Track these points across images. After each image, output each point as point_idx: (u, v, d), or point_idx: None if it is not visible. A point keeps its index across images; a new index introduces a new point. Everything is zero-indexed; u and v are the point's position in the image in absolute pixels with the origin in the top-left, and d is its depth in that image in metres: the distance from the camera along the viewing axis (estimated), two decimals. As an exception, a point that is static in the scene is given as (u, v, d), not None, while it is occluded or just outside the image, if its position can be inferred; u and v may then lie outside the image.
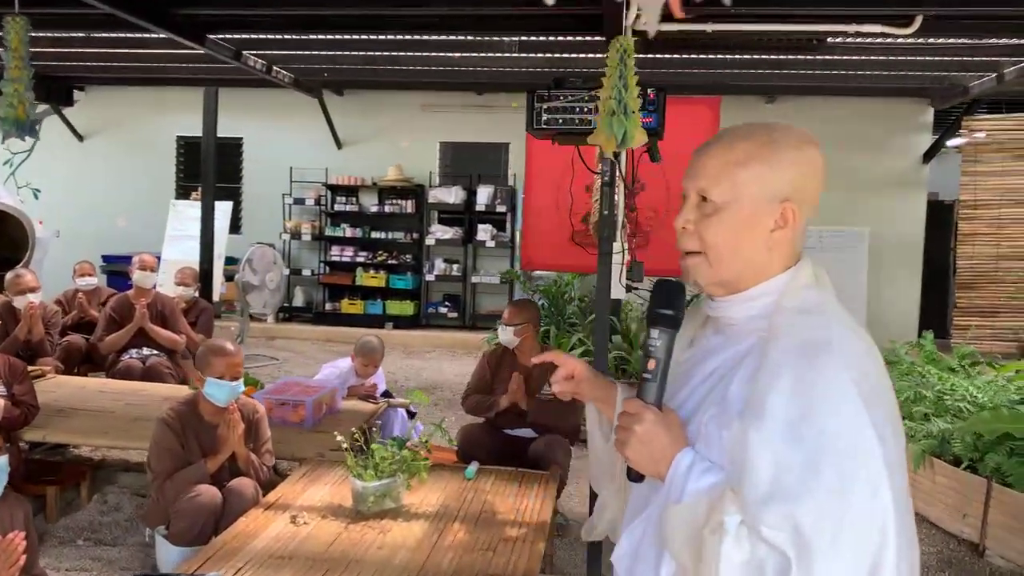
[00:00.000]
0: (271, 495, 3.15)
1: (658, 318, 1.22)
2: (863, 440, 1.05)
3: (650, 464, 1.19)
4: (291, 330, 9.98)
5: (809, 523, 1.01)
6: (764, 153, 1.18)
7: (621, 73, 2.08)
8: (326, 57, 4.65)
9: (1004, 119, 8.14)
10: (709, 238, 1.19)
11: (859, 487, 1.03)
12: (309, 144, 10.44)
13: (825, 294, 1.20)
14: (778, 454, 1.05)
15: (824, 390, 1.06)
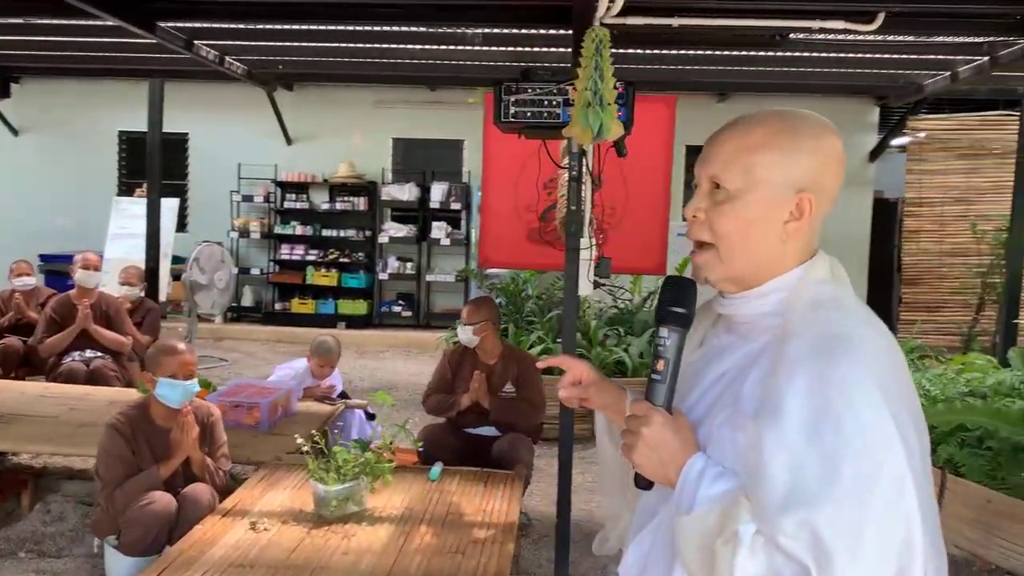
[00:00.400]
0: (228, 501, 3.04)
1: (668, 316, 1.15)
2: (885, 440, 0.99)
3: (659, 470, 1.12)
4: (240, 330, 9.74)
5: (829, 530, 0.95)
6: (781, 140, 1.12)
7: (597, 64, 2.04)
8: (281, 48, 4.51)
9: (947, 119, 8.37)
10: (720, 227, 1.13)
11: (881, 490, 0.97)
12: (258, 140, 10.20)
13: (842, 289, 1.14)
14: (795, 457, 0.99)
15: (843, 389, 1.00)
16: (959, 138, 8.38)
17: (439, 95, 9.86)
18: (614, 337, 6.20)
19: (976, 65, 4.16)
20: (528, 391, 4.14)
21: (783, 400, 1.02)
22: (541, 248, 5.58)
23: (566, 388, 1.33)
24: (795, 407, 1.01)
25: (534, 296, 6.95)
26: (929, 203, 8.49)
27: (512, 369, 4.20)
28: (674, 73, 5.13)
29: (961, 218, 8.39)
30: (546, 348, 5.92)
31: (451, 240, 9.91)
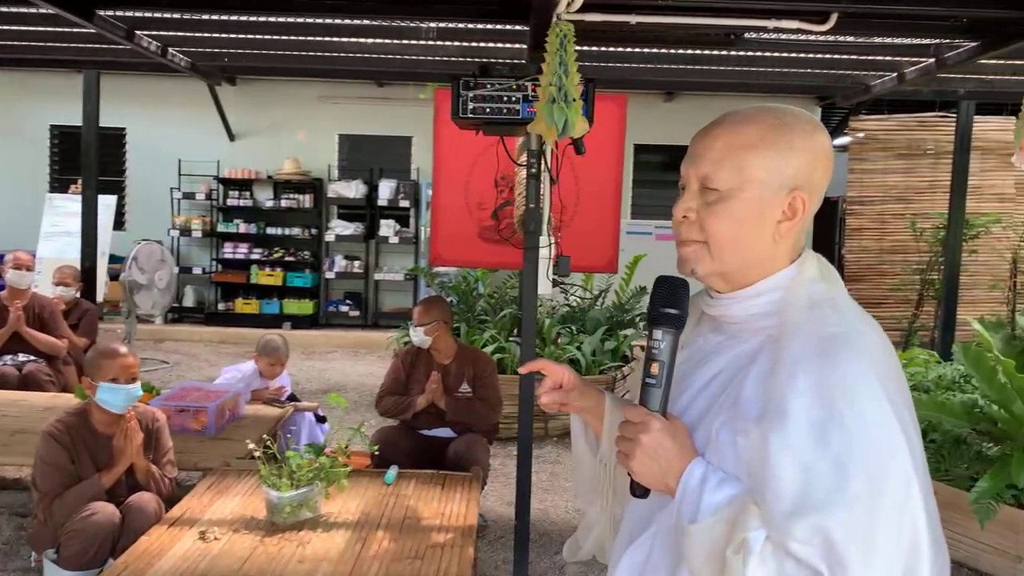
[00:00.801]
0: (175, 510, 2.92)
1: (661, 318, 1.11)
2: (890, 440, 0.98)
3: (658, 477, 1.08)
4: (181, 332, 9.47)
5: (841, 534, 0.94)
6: (773, 137, 1.09)
7: (561, 59, 2.00)
8: (226, 41, 4.35)
9: (886, 120, 8.59)
10: (712, 228, 1.11)
11: (890, 491, 0.96)
12: (199, 136, 9.93)
13: (835, 288, 1.12)
14: (803, 461, 0.97)
15: (847, 389, 0.99)
16: (898, 138, 8.61)
17: (387, 91, 9.75)
18: (567, 335, 6.19)
19: (922, 67, 4.26)
20: (485, 390, 4.10)
21: (786, 402, 1.00)
22: (494, 246, 5.54)
23: (547, 393, 1.28)
24: (799, 409, 0.99)
25: (486, 294, 6.90)
26: (870, 202, 8.70)
27: (468, 369, 4.15)
28: (625, 72, 5.13)
29: (900, 216, 8.62)
30: (499, 347, 5.88)
31: (400, 238, 9.80)
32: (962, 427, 4.22)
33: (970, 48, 3.70)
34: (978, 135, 6.87)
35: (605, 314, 6.53)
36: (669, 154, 9.90)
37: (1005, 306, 8.30)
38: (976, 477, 3.84)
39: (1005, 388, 3.98)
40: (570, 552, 1.48)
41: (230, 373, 4.66)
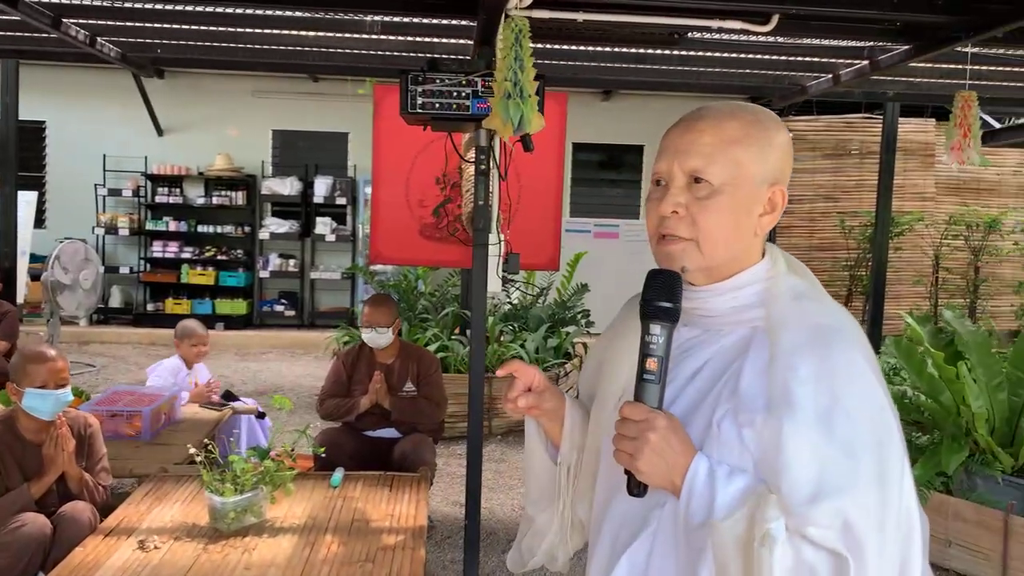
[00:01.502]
0: (111, 519, 2.80)
1: (657, 312, 1.09)
2: (887, 423, 1.04)
3: (664, 475, 1.06)
4: (108, 333, 9.13)
5: (858, 516, 0.97)
6: (756, 133, 1.11)
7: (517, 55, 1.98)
8: (159, 31, 4.19)
9: (815, 120, 8.84)
10: (706, 223, 1.10)
11: (892, 472, 1.02)
12: (125, 130, 9.58)
13: (810, 280, 1.16)
14: (816, 448, 1.00)
15: (846, 375, 1.03)
16: (826, 139, 8.88)
17: (322, 86, 9.58)
18: (510, 333, 6.18)
19: (856, 68, 4.39)
20: (429, 389, 4.05)
21: (791, 392, 1.03)
22: (435, 244, 5.49)
23: (523, 396, 1.25)
24: (806, 399, 1.02)
25: (427, 293, 6.84)
26: (799, 200, 8.94)
27: (411, 367, 4.10)
28: (567, 70, 5.14)
29: (828, 215, 8.88)
30: (442, 345, 5.84)
31: (337, 236, 9.65)
32: (893, 418, 4.38)
33: (902, 51, 3.84)
34: (900, 136, 7.13)
35: (547, 312, 6.55)
36: (607, 153, 10.00)
37: (928, 300, 8.65)
38: (908, 466, 3.98)
39: (934, 379, 4.14)
40: (516, 563, 1.44)
41: (158, 372, 4.52)
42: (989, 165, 8.81)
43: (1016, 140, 7.41)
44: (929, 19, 3.32)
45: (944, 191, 9.09)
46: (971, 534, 3.73)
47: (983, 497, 3.76)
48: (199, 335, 4.47)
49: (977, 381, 3.93)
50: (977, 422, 3.77)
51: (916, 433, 4.30)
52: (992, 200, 9.18)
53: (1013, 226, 8.82)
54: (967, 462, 3.84)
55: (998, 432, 3.94)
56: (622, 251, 9.35)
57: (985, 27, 3.36)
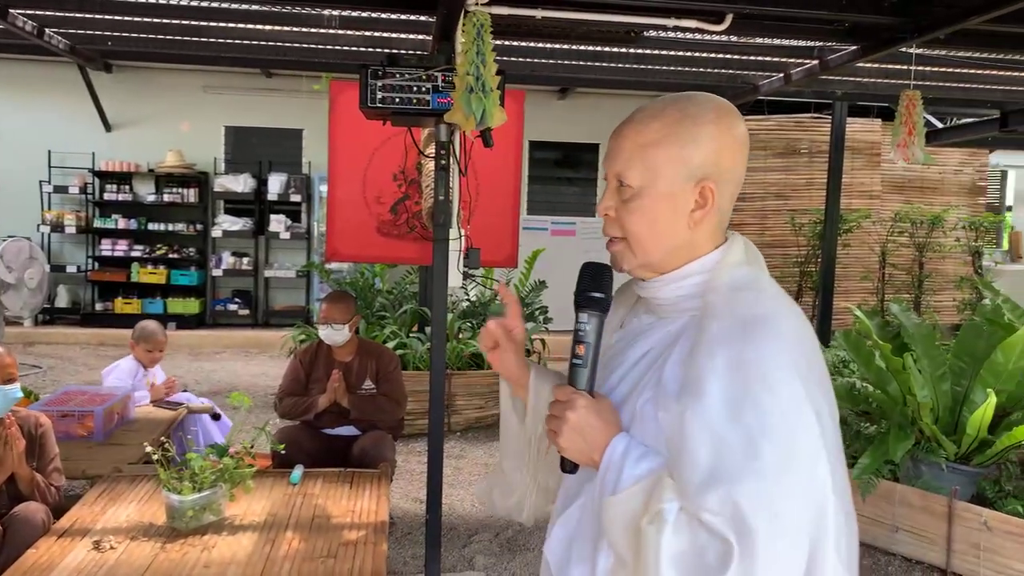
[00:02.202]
0: (64, 520, 2.75)
1: (587, 302, 1.17)
2: (801, 417, 1.02)
3: (584, 453, 1.13)
4: (55, 334, 8.89)
5: (750, 505, 0.97)
6: (678, 131, 1.13)
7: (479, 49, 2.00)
8: (110, 23, 4.10)
9: (766, 120, 9.02)
10: (628, 225, 1.15)
11: (797, 466, 1.00)
12: (71, 125, 9.33)
13: (757, 271, 1.17)
14: (717, 435, 1.02)
15: (760, 368, 1.03)
16: (776, 138, 9.06)
17: (276, 82, 9.46)
18: (469, 330, 6.19)
19: (807, 68, 4.50)
20: (388, 386, 4.04)
21: (704, 380, 1.05)
22: (393, 241, 5.46)
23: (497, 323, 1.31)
24: (716, 387, 1.04)
25: (384, 290, 6.81)
26: (751, 198, 9.11)
27: (370, 365, 4.07)
28: (524, 67, 5.17)
29: (779, 212, 9.07)
30: (400, 343, 5.82)
31: (291, 234, 9.53)
32: (843, 408, 4.50)
33: (850, 51, 3.95)
34: (848, 136, 7.32)
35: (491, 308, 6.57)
36: (563, 151, 10.06)
37: (875, 295, 8.89)
38: (856, 455, 4.09)
39: (881, 371, 4.26)
40: (485, 502, 1.51)
41: (114, 373, 4.42)
42: (933, 163, 9.08)
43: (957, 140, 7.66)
44: (876, 20, 3.42)
45: (890, 189, 9.35)
46: (917, 519, 3.85)
47: (928, 483, 3.89)
48: (157, 341, 4.39)
49: (922, 372, 4.06)
50: (922, 411, 3.90)
51: (864, 423, 4.42)
52: (935, 198, 9.47)
53: (955, 223, 9.11)
54: (913, 450, 3.96)
55: (942, 421, 4.08)
56: (578, 248, 9.41)
57: (929, 28, 3.48)
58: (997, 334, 4.14)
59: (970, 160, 9.65)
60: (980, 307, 4.85)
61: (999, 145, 8.96)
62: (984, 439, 3.89)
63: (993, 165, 10.45)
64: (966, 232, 9.22)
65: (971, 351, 4.12)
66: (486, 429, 5.96)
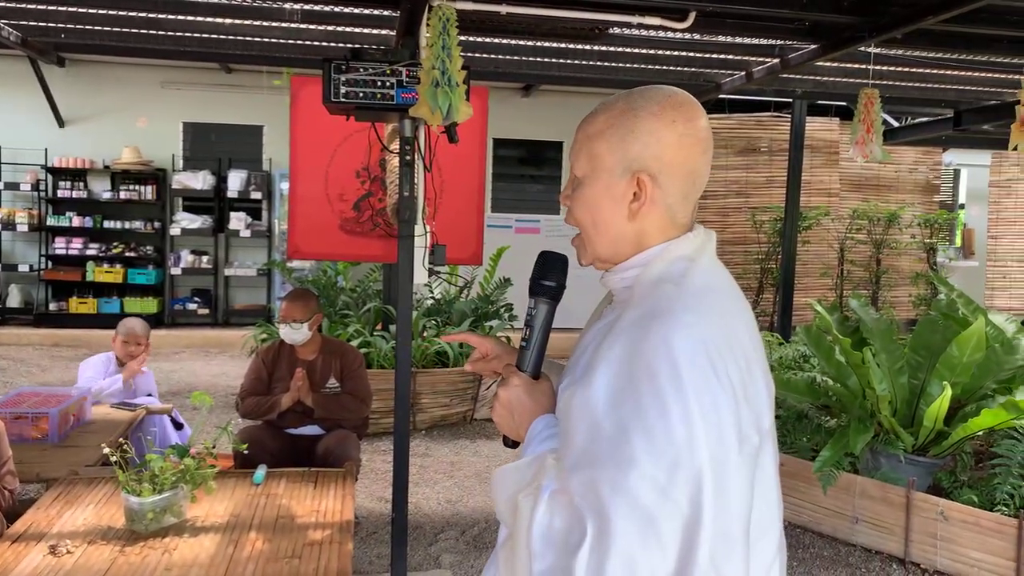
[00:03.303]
0: (18, 524, 2.67)
1: (538, 289, 1.23)
2: (679, 414, 0.98)
3: (513, 430, 1.21)
4: (6, 335, 8.66)
5: (608, 491, 0.98)
6: (620, 122, 1.13)
7: (445, 43, 1.98)
8: (64, 14, 3.99)
9: (727, 118, 9.11)
10: (575, 214, 1.20)
11: (665, 461, 0.97)
12: (22, 121, 9.10)
13: (695, 265, 1.13)
14: (593, 421, 1.04)
15: (647, 359, 1.01)
16: (737, 136, 9.17)
17: (235, 77, 9.32)
18: (434, 328, 6.16)
19: (768, 66, 4.56)
20: (353, 384, 4.00)
21: (596, 368, 1.07)
22: (356, 239, 5.41)
23: (475, 363, 1.39)
24: (605, 375, 1.05)
25: (347, 288, 6.75)
26: (713, 196, 9.21)
27: (334, 363, 4.03)
28: (488, 63, 5.16)
29: (738, 209, 9.18)
30: (364, 341, 5.77)
31: (252, 232, 9.40)
32: (803, 402, 4.57)
33: (811, 50, 4.01)
34: (807, 134, 7.44)
35: (471, 306, 6.56)
36: (527, 149, 10.06)
37: (834, 291, 9.05)
38: (817, 448, 4.15)
39: (841, 365, 4.33)
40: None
41: (90, 368, 4.34)
42: (891, 160, 9.26)
43: (913, 138, 7.83)
44: (836, 19, 3.48)
45: (848, 187, 9.52)
46: (876, 510, 3.93)
47: (887, 475, 3.96)
48: (132, 335, 4.32)
49: (881, 366, 4.14)
50: (881, 404, 3.97)
51: (825, 417, 4.50)
52: (891, 196, 9.66)
53: (910, 221, 9.31)
54: (872, 442, 4.04)
55: (900, 414, 4.16)
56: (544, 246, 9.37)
57: (887, 28, 3.54)
58: (952, 328, 4.24)
59: (924, 159, 9.87)
60: (935, 302, 4.96)
61: (952, 144, 9.18)
62: (940, 431, 3.98)
63: (946, 164, 10.70)
64: (921, 229, 9.42)
65: (927, 345, 4.21)
66: (451, 427, 5.95)
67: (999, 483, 3.66)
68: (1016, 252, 9.83)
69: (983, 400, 4.08)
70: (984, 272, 10.00)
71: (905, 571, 3.78)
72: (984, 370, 4.11)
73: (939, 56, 4.63)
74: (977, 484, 3.83)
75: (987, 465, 3.91)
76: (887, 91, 5.16)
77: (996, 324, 4.59)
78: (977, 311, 4.69)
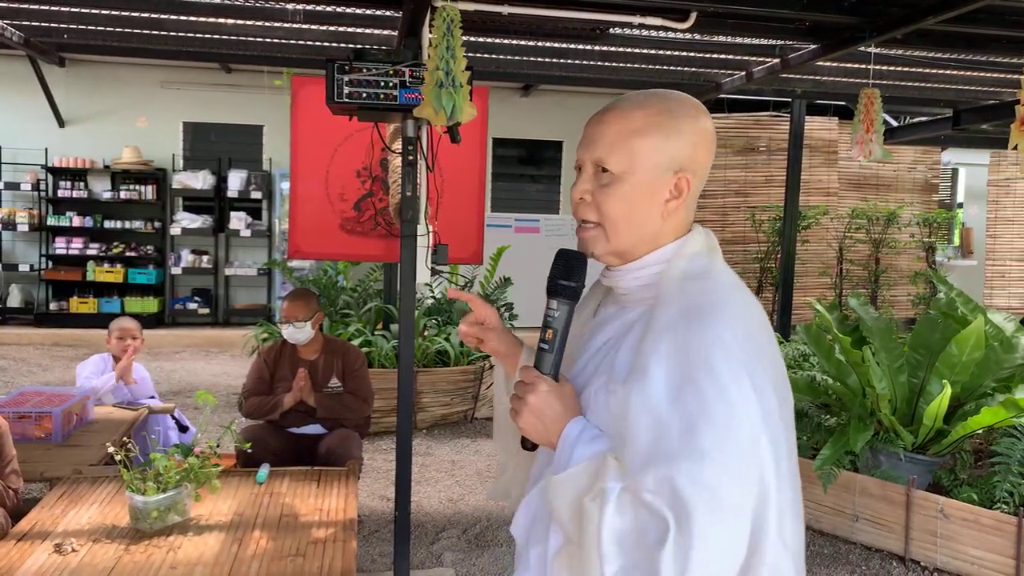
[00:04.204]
0: (23, 523, 2.68)
1: (558, 289, 1.20)
2: (742, 401, 1.04)
3: (542, 435, 1.17)
4: (7, 335, 8.66)
5: (687, 485, 1.00)
6: (661, 121, 1.17)
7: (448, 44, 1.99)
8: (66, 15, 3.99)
9: (727, 118, 9.13)
10: (607, 209, 1.18)
11: (736, 447, 1.03)
12: (22, 121, 9.10)
13: (714, 261, 1.21)
14: (657, 418, 1.05)
15: (701, 353, 1.06)
16: (737, 136, 9.18)
17: (235, 77, 9.33)
18: (434, 327, 6.17)
19: (768, 66, 4.58)
20: (355, 383, 4.01)
21: (648, 365, 1.09)
22: (357, 238, 5.42)
23: (468, 324, 1.36)
24: (659, 372, 1.08)
25: (348, 288, 6.76)
26: (712, 195, 9.23)
27: (336, 362, 4.04)
28: (490, 63, 5.17)
29: (738, 209, 9.20)
30: (365, 340, 5.78)
31: (252, 231, 9.41)
32: (804, 401, 4.58)
33: (811, 50, 4.03)
34: (806, 134, 7.45)
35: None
36: (526, 148, 10.07)
37: (833, 290, 9.06)
38: (818, 447, 4.17)
39: (841, 363, 4.35)
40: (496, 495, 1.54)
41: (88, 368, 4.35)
42: (891, 158, 9.28)
43: (912, 138, 7.84)
44: (836, 20, 3.49)
45: (846, 187, 9.53)
46: (876, 508, 3.94)
47: (887, 473, 3.98)
48: (124, 330, 4.31)
49: (880, 364, 4.16)
50: (881, 403, 3.99)
51: (825, 415, 4.51)
52: (890, 195, 9.68)
53: (909, 220, 9.32)
54: (872, 441, 4.05)
55: (899, 412, 4.18)
56: (543, 245, 9.45)
57: (887, 28, 3.56)
58: (951, 327, 4.25)
59: (923, 158, 9.89)
60: (935, 301, 4.97)
61: (951, 143, 9.20)
62: (940, 429, 4.00)
63: (945, 163, 10.72)
64: (920, 228, 9.44)
65: (927, 344, 4.22)
66: (452, 426, 5.96)
67: (999, 481, 3.67)
68: (1014, 251, 9.85)
69: (982, 398, 4.09)
70: (983, 271, 10.02)
71: (905, 569, 3.79)
72: (983, 368, 4.12)
73: (938, 56, 4.65)
74: (977, 482, 3.85)
75: (987, 463, 3.93)
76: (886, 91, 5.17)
77: (995, 323, 4.61)
78: (976, 310, 4.71)
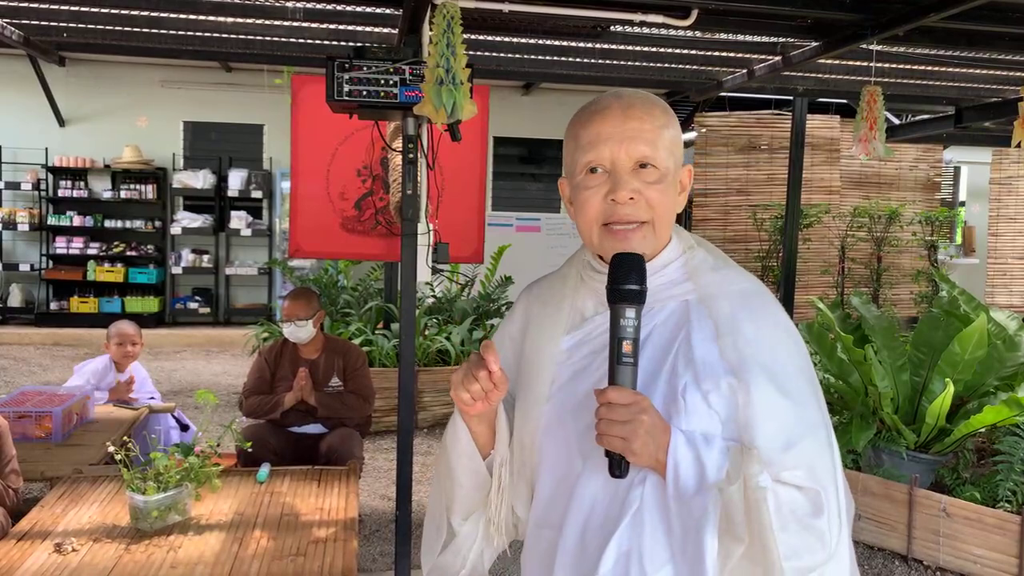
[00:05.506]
0: (24, 522, 2.67)
1: (626, 295, 1.10)
2: (813, 371, 1.18)
3: (652, 454, 1.09)
4: (7, 335, 8.66)
5: (816, 456, 1.10)
6: (671, 118, 1.20)
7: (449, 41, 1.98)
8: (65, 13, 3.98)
9: (728, 116, 9.11)
10: (658, 205, 1.16)
11: (824, 412, 1.16)
12: (22, 120, 9.10)
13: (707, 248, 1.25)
14: (775, 402, 1.10)
15: (777, 333, 1.16)
16: (738, 134, 9.16)
17: (235, 76, 9.32)
18: (435, 326, 6.17)
19: (769, 64, 4.56)
20: (356, 383, 4.00)
21: (744, 356, 1.12)
22: (357, 237, 5.42)
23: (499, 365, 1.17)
24: (754, 359, 1.12)
25: (349, 287, 6.75)
26: (714, 194, 9.20)
27: (337, 361, 4.03)
28: (490, 61, 5.16)
29: (740, 207, 9.18)
30: (366, 339, 5.77)
31: (252, 230, 9.40)
32: (806, 400, 4.57)
33: (812, 47, 4.02)
34: (807, 132, 7.43)
35: (472, 304, 6.56)
36: (527, 147, 10.06)
37: (835, 289, 9.04)
38: (820, 445, 4.16)
39: (843, 362, 4.33)
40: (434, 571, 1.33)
41: (80, 371, 4.33)
42: (893, 156, 9.26)
43: (914, 136, 7.83)
44: (837, 16, 3.48)
45: (848, 185, 9.51)
46: (879, 507, 3.93)
47: (889, 472, 3.97)
48: (124, 336, 4.29)
49: (883, 363, 4.14)
50: (883, 401, 3.97)
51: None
52: (892, 193, 9.65)
53: (911, 218, 9.30)
54: (874, 439, 4.04)
55: (902, 410, 4.17)
56: (544, 244, 9.45)
57: (889, 25, 3.54)
58: (954, 325, 4.23)
59: (925, 156, 9.86)
60: (937, 299, 4.96)
61: (953, 141, 9.18)
62: (943, 428, 3.98)
63: (947, 161, 10.70)
64: (922, 227, 9.41)
65: (929, 342, 4.21)
66: (453, 425, 5.95)
67: (1001, 480, 3.66)
68: (1017, 249, 9.83)
69: (985, 397, 4.08)
70: (985, 269, 10.00)
71: (908, 568, 3.78)
72: (986, 367, 4.11)
73: (941, 53, 4.63)
74: (979, 481, 3.84)
75: (989, 462, 3.92)
76: (888, 88, 5.16)
77: (998, 321, 4.59)
78: (979, 308, 4.69)
